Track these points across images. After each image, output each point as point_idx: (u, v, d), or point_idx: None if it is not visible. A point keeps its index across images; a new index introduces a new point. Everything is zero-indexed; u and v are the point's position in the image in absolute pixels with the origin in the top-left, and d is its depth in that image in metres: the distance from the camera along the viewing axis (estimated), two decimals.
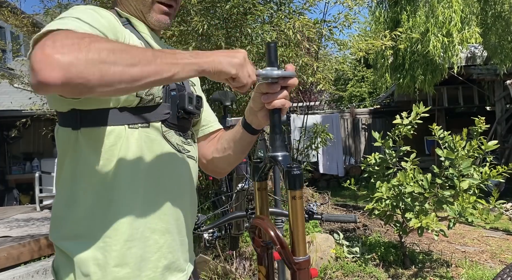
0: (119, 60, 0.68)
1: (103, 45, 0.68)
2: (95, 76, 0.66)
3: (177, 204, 0.98)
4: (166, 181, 0.95)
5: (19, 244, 4.05)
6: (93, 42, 0.67)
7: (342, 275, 3.47)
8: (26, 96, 5.98)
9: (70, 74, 0.63)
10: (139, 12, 1.00)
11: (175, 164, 0.97)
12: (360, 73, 16.40)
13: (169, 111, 0.95)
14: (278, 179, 2.49)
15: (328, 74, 3.94)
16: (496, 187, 3.81)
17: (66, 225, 0.91)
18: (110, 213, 0.89)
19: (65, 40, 0.67)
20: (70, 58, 0.64)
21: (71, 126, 0.89)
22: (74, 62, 0.64)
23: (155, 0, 0.99)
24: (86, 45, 0.66)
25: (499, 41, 6.68)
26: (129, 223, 0.90)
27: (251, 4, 3.32)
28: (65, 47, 0.65)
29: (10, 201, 8.87)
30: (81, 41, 0.66)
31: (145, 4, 0.99)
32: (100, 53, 0.66)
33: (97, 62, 0.66)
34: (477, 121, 3.34)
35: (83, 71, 0.64)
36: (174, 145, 0.97)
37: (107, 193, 0.89)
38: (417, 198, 3.33)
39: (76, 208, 0.90)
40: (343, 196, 7.89)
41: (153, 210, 0.93)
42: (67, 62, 0.63)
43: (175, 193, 0.98)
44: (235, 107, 3.82)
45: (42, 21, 5.02)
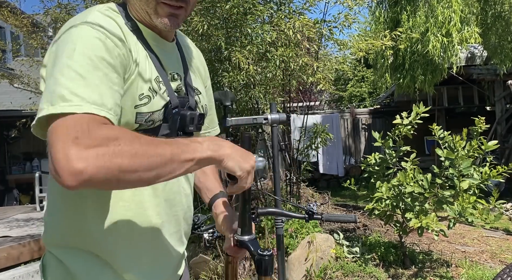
0: (138, 168, 0.71)
1: (126, 152, 0.70)
2: (112, 183, 0.70)
3: (167, 223, 0.99)
4: (156, 197, 0.96)
5: (19, 244, 4.05)
6: (116, 149, 0.69)
7: (342, 275, 3.47)
8: (26, 96, 5.98)
9: (88, 184, 0.67)
10: (144, 13, 0.92)
11: (166, 186, 0.98)
12: (360, 73, 16.40)
13: (169, 131, 0.95)
14: (278, 179, 2.48)
15: (328, 74, 3.94)
16: (496, 187, 3.80)
17: (51, 231, 0.95)
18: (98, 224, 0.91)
19: (94, 141, 0.68)
20: (92, 171, 0.67)
21: None
22: (94, 175, 0.67)
23: (160, 1, 0.89)
24: (110, 153, 0.68)
25: (499, 41, 6.67)
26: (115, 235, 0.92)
27: (251, 4, 3.32)
28: (90, 158, 0.67)
29: (10, 201, 8.88)
30: (106, 148, 0.68)
31: (149, 3, 0.90)
32: (121, 163, 0.69)
33: (117, 173, 0.69)
34: (477, 121, 3.34)
35: (101, 182, 0.69)
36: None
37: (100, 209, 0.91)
38: (417, 198, 3.33)
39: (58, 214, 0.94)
40: (343, 196, 7.88)
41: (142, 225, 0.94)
42: (89, 175, 0.66)
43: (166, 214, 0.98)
44: (235, 107, 3.82)
45: (42, 21, 5.02)
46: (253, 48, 3.26)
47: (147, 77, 0.90)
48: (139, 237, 0.93)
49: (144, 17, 0.93)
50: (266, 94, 3.75)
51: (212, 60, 3.73)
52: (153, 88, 0.90)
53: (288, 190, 4.90)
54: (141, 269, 0.95)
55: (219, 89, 3.70)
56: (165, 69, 0.96)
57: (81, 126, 0.70)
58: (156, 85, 0.91)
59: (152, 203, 0.94)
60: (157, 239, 0.97)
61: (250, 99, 3.75)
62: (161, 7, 0.90)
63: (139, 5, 0.92)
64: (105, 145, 0.69)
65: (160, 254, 0.98)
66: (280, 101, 4.15)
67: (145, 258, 0.96)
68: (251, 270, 3.55)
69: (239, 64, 3.20)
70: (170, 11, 0.91)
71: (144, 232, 0.94)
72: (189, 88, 1.02)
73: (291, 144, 5.61)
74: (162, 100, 0.92)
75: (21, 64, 5.64)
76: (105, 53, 0.80)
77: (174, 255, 1.03)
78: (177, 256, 1.05)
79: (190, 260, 3.63)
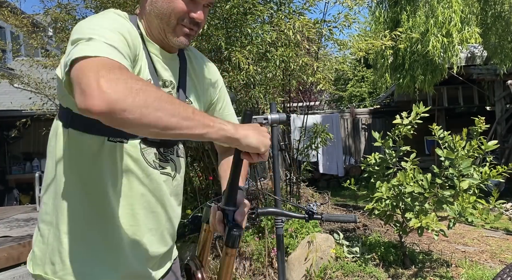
0: (161, 108, 0.75)
1: (152, 92, 0.75)
2: (135, 116, 0.72)
3: (148, 218, 1.02)
4: (134, 197, 0.99)
5: (19, 244, 4.05)
6: (144, 87, 0.74)
7: (342, 275, 3.47)
8: (26, 96, 5.98)
9: (114, 109, 0.71)
10: (161, 31, 1.03)
11: (146, 181, 1.01)
12: (360, 73, 16.41)
13: None
14: (278, 179, 2.49)
15: (328, 74, 3.94)
16: (496, 187, 3.80)
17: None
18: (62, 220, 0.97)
19: (120, 76, 0.74)
20: (120, 96, 0.71)
21: (63, 123, 0.97)
22: (121, 101, 0.71)
23: (180, 22, 1.02)
24: (138, 88, 0.73)
25: (499, 41, 6.67)
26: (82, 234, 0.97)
27: (251, 4, 3.32)
28: (120, 84, 0.72)
29: (10, 201, 8.88)
30: (134, 84, 0.73)
31: (170, 24, 1.01)
32: (147, 98, 0.73)
33: (142, 106, 0.72)
34: (477, 121, 3.34)
35: (126, 110, 0.71)
36: (150, 162, 1.01)
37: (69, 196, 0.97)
38: (417, 198, 3.33)
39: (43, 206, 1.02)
40: (343, 196, 7.89)
41: (119, 222, 0.98)
42: (116, 100, 0.70)
43: (144, 208, 1.02)
44: (235, 107, 3.82)
45: (42, 21, 5.02)
46: (253, 48, 3.26)
47: (142, 77, 0.98)
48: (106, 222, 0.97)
49: (157, 33, 1.04)
50: (266, 94, 3.75)
51: (212, 60, 3.70)
52: None
53: (288, 190, 4.90)
54: (103, 256, 0.98)
55: None
56: (158, 76, 1.04)
57: (112, 63, 0.77)
58: None
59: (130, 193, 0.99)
60: (130, 230, 1.00)
61: (250, 99, 3.75)
62: (180, 27, 1.03)
63: (158, 23, 1.02)
64: (135, 80, 0.75)
65: (131, 244, 1.00)
66: (280, 101, 4.15)
67: (114, 244, 0.99)
68: (251, 270, 3.56)
69: (239, 64, 3.20)
70: (186, 32, 1.04)
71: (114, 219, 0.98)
72: (181, 96, 1.09)
73: (291, 144, 5.61)
74: None
75: (21, 64, 5.64)
76: (126, 35, 0.90)
77: (150, 250, 1.04)
78: (155, 253, 1.06)
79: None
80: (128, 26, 0.95)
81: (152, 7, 1.01)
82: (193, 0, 1.02)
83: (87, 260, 0.95)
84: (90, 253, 0.96)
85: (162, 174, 1.04)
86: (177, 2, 0.99)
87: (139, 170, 0.99)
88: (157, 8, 1.00)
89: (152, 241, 1.04)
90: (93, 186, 0.95)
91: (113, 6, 3.48)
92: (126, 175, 0.97)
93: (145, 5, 1.03)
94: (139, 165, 0.99)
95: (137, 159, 0.98)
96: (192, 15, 1.02)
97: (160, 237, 1.07)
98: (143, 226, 1.01)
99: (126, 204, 0.98)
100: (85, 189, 0.95)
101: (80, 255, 0.95)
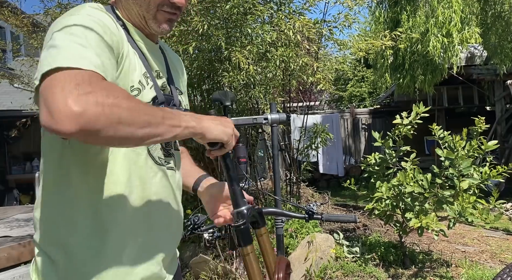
0: (134, 122, 0.72)
1: (124, 104, 0.71)
2: (108, 134, 0.69)
3: (161, 216, 1.00)
4: (147, 197, 0.97)
5: (19, 244, 4.05)
6: (116, 100, 0.70)
7: (342, 275, 3.47)
8: (26, 96, 5.97)
9: (88, 131, 0.67)
10: (141, 18, 0.99)
11: (156, 179, 0.99)
12: (360, 73, 16.40)
13: None
14: (278, 179, 2.49)
15: (328, 74, 3.94)
16: (496, 187, 3.81)
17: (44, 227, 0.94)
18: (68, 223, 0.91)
19: (91, 90, 0.69)
20: (90, 116, 0.67)
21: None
22: (93, 123, 0.67)
23: (160, 8, 0.97)
24: (110, 103, 0.69)
25: (499, 41, 6.67)
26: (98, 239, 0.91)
27: (251, 4, 3.32)
28: (90, 103, 0.67)
29: (10, 201, 8.87)
30: (106, 99, 0.69)
31: (149, 10, 0.97)
32: (120, 114, 0.70)
33: (115, 123, 0.69)
34: (477, 121, 3.34)
35: (99, 130, 0.68)
36: (156, 159, 0.99)
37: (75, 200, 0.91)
38: (417, 198, 3.33)
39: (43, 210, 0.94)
40: (343, 196, 7.89)
41: (135, 226, 0.94)
42: (87, 121, 0.66)
43: (157, 206, 0.99)
44: (235, 107, 3.82)
45: (42, 21, 5.02)
46: (253, 48, 3.26)
47: (137, 71, 0.95)
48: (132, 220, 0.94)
49: (138, 21, 0.99)
50: (266, 94, 3.75)
51: (212, 60, 3.72)
52: (141, 82, 0.95)
53: (288, 190, 4.90)
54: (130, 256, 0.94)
55: (219, 89, 3.70)
56: (151, 66, 1.01)
57: (82, 76, 0.71)
58: (144, 79, 0.96)
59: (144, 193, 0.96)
60: (144, 231, 0.96)
61: (250, 99, 3.75)
62: (160, 13, 0.98)
63: (137, 10, 0.97)
64: (105, 95, 0.70)
65: (148, 247, 0.97)
66: (280, 101, 4.15)
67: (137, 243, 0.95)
68: None
69: (239, 64, 3.20)
70: (168, 17, 0.99)
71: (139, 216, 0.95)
72: (172, 87, 1.08)
73: (291, 144, 5.61)
74: (150, 93, 0.97)
75: (21, 64, 5.64)
76: (102, 33, 0.83)
77: (164, 251, 1.02)
78: (169, 251, 1.05)
79: (190, 260, 3.63)
80: (106, 20, 0.88)
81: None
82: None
83: (106, 272, 0.90)
84: (108, 264, 0.90)
85: (168, 169, 1.02)
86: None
87: (149, 168, 0.97)
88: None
89: (166, 239, 1.03)
90: (103, 193, 0.89)
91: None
92: (137, 175, 0.94)
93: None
94: (148, 163, 0.96)
95: (146, 157, 0.96)
96: (172, 0, 0.97)
97: (173, 235, 1.06)
98: (158, 226, 0.99)
99: (140, 206, 0.94)
100: (95, 197, 0.89)
101: (100, 269, 0.90)
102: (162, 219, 1.00)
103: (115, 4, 1.01)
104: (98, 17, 0.86)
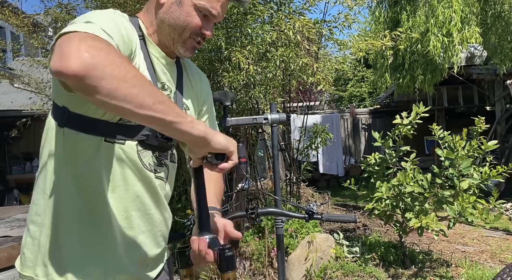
0: (139, 85, 0.74)
1: (132, 69, 0.75)
2: (111, 86, 0.71)
3: (142, 219, 1.02)
4: (130, 198, 0.98)
5: (19, 244, 4.04)
6: (126, 63, 0.74)
7: (342, 275, 3.47)
8: (26, 96, 5.98)
9: (91, 74, 0.69)
10: (170, 40, 1.04)
11: (142, 183, 1.00)
12: (360, 73, 16.41)
13: (149, 133, 0.98)
14: (278, 179, 2.49)
15: (328, 75, 3.94)
16: (496, 187, 3.81)
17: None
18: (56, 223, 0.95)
19: (104, 46, 0.73)
20: (99, 62, 0.69)
21: (58, 122, 0.95)
22: (100, 69, 0.69)
23: (191, 35, 1.03)
24: (119, 62, 0.72)
25: (499, 41, 6.67)
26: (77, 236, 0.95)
27: (251, 4, 3.32)
28: (101, 53, 0.71)
29: (10, 201, 8.87)
30: (116, 58, 0.73)
31: (182, 36, 1.03)
32: (127, 73, 0.72)
33: (120, 78, 0.71)
34: (477, 121, 3.34)
35: (102, 77, 0.70)
36: (146, 165, 1.00)
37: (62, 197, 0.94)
38: (417, 198, 3.33)
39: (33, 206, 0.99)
40: (343, 196, 7.89)
41: (114, 224, 0.97)
42: (94, 65, 0.69)
43: (139, 209, 1.01)
44: (235, 107, 3.82)
45: (43, 21, 5.02)
46: (253, 48, 3.26)
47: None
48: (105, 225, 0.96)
49: (166, 41, 1.04)
50: (266, 94, 3.75)
51: (212, 60, 3.73)
52: None
53: (288, 190, 4.91)
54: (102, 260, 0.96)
55: (219, 89, 3.70)
56: (157, 78, 1.04)
57: (99, 40, 0.76)
58: None
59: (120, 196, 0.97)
60: (123, 232, 0.99)
61: (250, 99, 3.75)
62: (190, 40, 1.05)
63: (169, 31, 1.03)
64: (117, 56, 0.73)
65: (125, 246, 0.99)
66: (280, 101, 4.15)
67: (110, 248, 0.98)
68: (251, 270, 3.56)
69: (239, 64, 3.20)
70: (195, 45, 1.06)
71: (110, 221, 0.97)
72: (177, 102, 1.08)
73: (291, 144, 5.61)
74: None
75: (21, 64, 5.65)
76: (121, 27, 0.90)
77: (143, 252, 1.04)
78: (149, 254, 1.06)
79: None
80: (124, 22, 0.94)
81: (167, 16, 1.02)
82: (207, 17, 1.04)
83: (80, 262, 0.94)
84: (83, 255, 0.94)
85: (156, 178, 1.03)
86: (194, 17, 1.01)
87: (136, 171, 0.98)
88: (173, 18, 1.01)
89: (146, 242, 1.04)
90: (88, 187, 0.93)
91: (113, 6, 3.48)
92: (122, 176, 0.96)
93: (158, 11, 1.03)
94: (136, 166, 0.98)
95: (134, 160, 0.98)
96: (204, 31, 1.04)
97: (154, 239, 1.06)
98: (137, 228, 1.01)
99: (121, 206, 0.97)
100: (80, 189, 0.93)
101: (74, 257, 0.94)
102: (143, 222, 1.02)
103: (143, 18, 1.06)
104: (119, 17, 0.93)
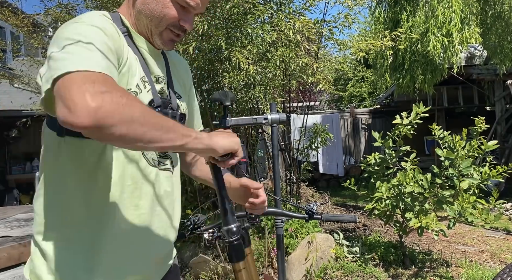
0: (146, 122, 0.75)
1: (137, 107, 0.75)
2: (121, 131, 0.72)
3: (152, 218, 1.02)
4: (138, 198, 0.99)
5: (19, 244, 4.05)
6: (129, 101, 0.74)
7: (342, 275, 3.47)
8: (26, 96, 5.98)
9: (103, 125, 0.70)
10: (148, 31, 1.03)
11: (148, 180, 1.01)
12: (360, 73, 16.41)
13: None
14: (278, 179, 2.49)
15: (328, 75, 3.94)
16: (496, 187, 3.81)
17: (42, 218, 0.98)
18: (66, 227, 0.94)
19: (105, 89, 0.72)
20: (108, 112, 0.70)
21: (57, 132, 0.94)
22: (109, 118, 0.70)
23: (168, 27, 1.02)
24: (124, 103, 0.72)
25: (499, 41, 6.67)
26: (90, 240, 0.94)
27: (251, 4, 3.32)
28: (106, 98, 0.71)
29: (10, 201, 8.87)
30: (120, 99, 0.72)
31: (158, 27, 1.02)
32: (133, 113, 0.73)
33: (128, 121, 0.72)
34: (477, 121, 3.34)
35: (113, 125, 0.70)
36: (150, 161, 1.01)
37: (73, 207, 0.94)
38: (417, 198, 3.33)
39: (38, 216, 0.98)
40: (343, 196, 7.89)
41: (125, 226, 0.97)
42: (104, 116, 0.69)
43: (149, 208, 1.01)
44: (235, 107, 3.82)
45: (43, 21, 5.03)
46: (253, 48, 3.26)
47: (135, 75, 0.98)
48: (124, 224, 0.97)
49: (145, 32, 1.03)
50: (266, 94, 3.75)
51: (212, 60, 3.73)
52: (139, 86, 0.98)
53: (288, 190, 4.91)
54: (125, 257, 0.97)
55: (219, 89, 3.70)
56: (150, 71, 1.04)
57: (96, 76, 0.75)
58: (142, 83, 0.99)
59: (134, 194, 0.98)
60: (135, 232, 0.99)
61: (250, 99, 3.75)
62: (167, 32, 1.03)
63: (147, 23, 1.02)
64: (120, 95, 0.73)
65: (136, 246, 1.00)
66: (280, 101, 4.15)
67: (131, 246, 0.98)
68: None
69: (239, 64, 3.20)
70: (172, 38, 1.05)
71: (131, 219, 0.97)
72: (171, 92, 1.09)
73: (291, 144, 5.61)
74: (147, 97, 1.00)
75: (21, 64, 5.65)
76: (106, 39, 0.87)
77: (154, 251, 1.05)
78: (160, 253, 1.07)
79: (190, 260, 3.63)
80: (109, 27, 0.92)
81: (143, 7, 1.00)
82: (185, 9, 1.01)
83: (92, 267, 0.93)
84: (95, 259, 0.94)
85: (162, 170, 1.04)
86: (170, 8, 0.99)
87: (141, 170, 0.99)
88: (149, 9, 1.00)
89: (157, 241, 1.04)
90: (95, 192, 0.93)
91: (113, 6, 3.48)
92: (129, 176, 0.96)
93: (135, 2, 1.02)
94: (141, 165, 0.99)
95: (139, 159, 0.98)
96: (182, 23, 1.02)
97: (164, 236, 1.07)
98: (148, 227, 1.01)
99: (130, 206, 0.97)
100: (87, 196, 0.93)
101: (85, 264, 0.93)
102: (153, 221, 1.02)
103: (123, 11, 1.05)
104: (101, 24, 0.90)
